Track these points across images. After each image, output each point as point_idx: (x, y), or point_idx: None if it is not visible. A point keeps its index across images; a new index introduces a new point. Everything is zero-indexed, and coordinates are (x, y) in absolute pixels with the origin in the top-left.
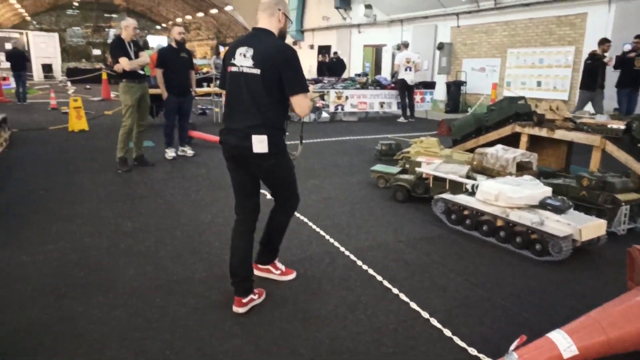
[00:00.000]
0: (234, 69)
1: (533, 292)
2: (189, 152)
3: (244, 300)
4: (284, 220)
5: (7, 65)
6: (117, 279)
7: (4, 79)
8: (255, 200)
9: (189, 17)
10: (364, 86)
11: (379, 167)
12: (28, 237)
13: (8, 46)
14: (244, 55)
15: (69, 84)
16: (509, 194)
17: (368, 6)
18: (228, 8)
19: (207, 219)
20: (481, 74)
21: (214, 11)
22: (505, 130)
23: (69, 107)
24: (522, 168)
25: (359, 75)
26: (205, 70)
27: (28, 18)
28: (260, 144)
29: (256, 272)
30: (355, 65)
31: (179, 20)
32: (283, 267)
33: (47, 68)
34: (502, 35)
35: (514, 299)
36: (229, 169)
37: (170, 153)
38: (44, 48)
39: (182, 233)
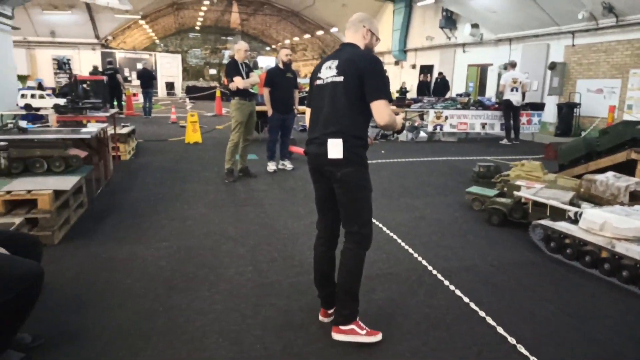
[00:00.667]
0: (319, 82)
1: (633, 328)
2: (289, 166)
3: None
4: (354, 260)
5: (137, 83)
6: (219, 276)
7: (134, 95)
8: (333, 216)
9: (296, 38)
10: (466, 106)
11: (474, 189)
12: (148, 234)
13: (139, 66)
14: (329, 67)
15: (187, 100)
16: (616, 224)
17: (475, 25)
18: (333, 30)
19: (300, 229)
20: (598, 96)
21: (319, 33)
22: (620, 157)
23: (186, 122)
24: (636, 198)
25: (460, 95)
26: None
27: (157, 41)
28: (334, 148)
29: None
30: (458, 85)
31: (287, 42)
32: (367, 328)
33: (169, 86)
34: (623, 55)
35: (611, 333)
36: (312, 181)
37: (271, 166)
38: (168, 68)
39: (278, 240)
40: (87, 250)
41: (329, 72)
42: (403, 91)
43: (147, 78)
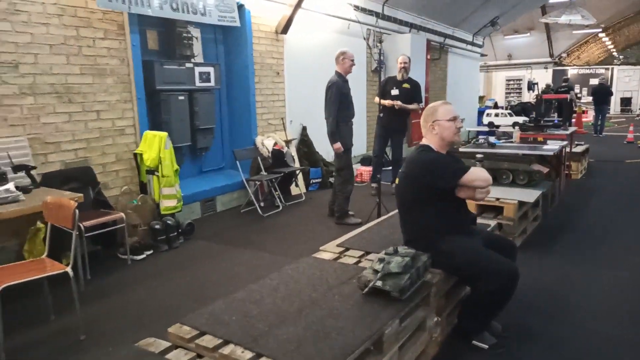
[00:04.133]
0: None
1: None
2: None
3: None
4: None
5: (589, 99)
6: None
7: (584, 112)
8: None
9: None
10: None
11: None
12: (599, 257)
13: (592, 82)
14: None
15: None
16: None
17: None
18: None
19: None
20: None
21: None
22: None
23: None
24: None
25: None
26: None
27: (615, 53)
28: None
29: None
30: None
31: None
32: None
33: (625, 102)
34: None
35: None
36: None
37: None
38: (626, 82)
39: None
40: (540, 261)
41: None
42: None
43: (603, 94)
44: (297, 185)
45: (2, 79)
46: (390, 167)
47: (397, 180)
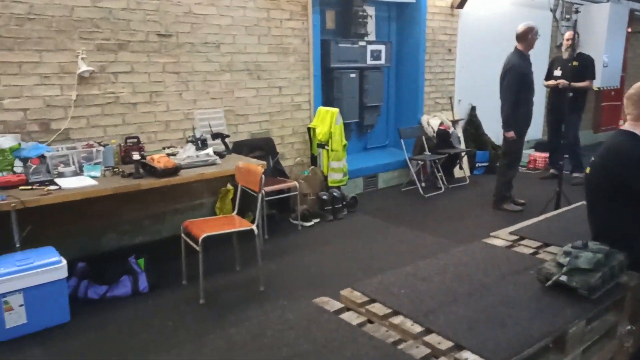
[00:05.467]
0: None
1: None
2: None
3: None
4: None
5: None
6: None
7: None
8: None
9: None
10: None
11: None
12: None
13: None
14: None
15: None
16: None
17: None
18: None
19: None
20: None
21: None
22: None
23: None
24: None
25: None
26: None
27: None
28: None
29: None
30: None
31: None
32: None
33: None
34: None
35: None
36: None
37: None
38: None
39: None
40: None
41: None
42: None
43: None
44: (461, 167)
45: (208, 58)
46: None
47: (587, 169)
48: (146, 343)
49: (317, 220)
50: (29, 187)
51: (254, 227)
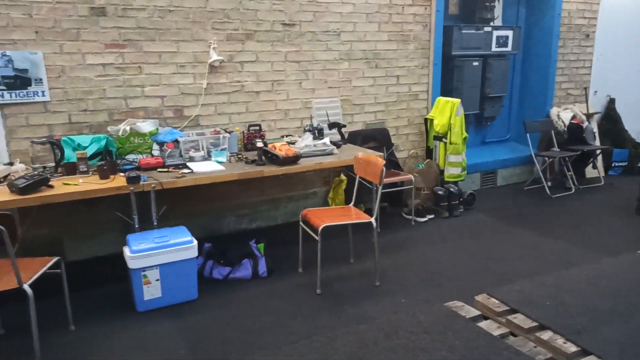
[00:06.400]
0: None
1: None
2: None
3: None
4: None
5: None
6: None
7: None
8: None
9: None
10: None
11: None
12: None
13: None
14: None
15: None
16: None
17: None
18: None
19: None
20: None
21: None
22: None
23: None
24: None
25: None
26: None
27: None
28: None
29: None
30: None
31: None
32: None
33: None
34: None
35: None
36: None
37: None
38: None
39: None
40: None
41: None
42: None
43: None
44: (594, 167)
45: (328, 46)
46: None
47: None
48: (266, 326)
49: (432, 216)
50: (165, 169)
51: (372, 220)
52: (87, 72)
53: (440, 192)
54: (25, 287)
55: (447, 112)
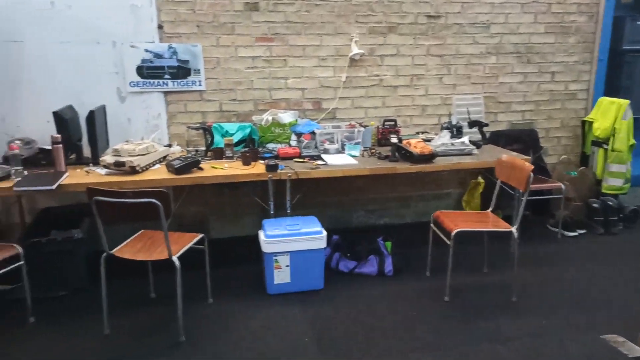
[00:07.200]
0: None
1: None
2: None
3: None
4: None
5: None
6: None
7: None
8: None
9: None
10: None
11: None
12: None
13: None
14: None
15: None
16: None
17: None
18: None
19: None
20: None
21: None
22: None
23: None
24: None
25: None
26: None
27: None
28: None
29: None
30: None
31: None
32: None
33: None
34: None
35: None
36: None
37: None
38: None
39: None
40: None
41: None
42: None
43: None
44: None
45: (474, 39)
46: None
47: None
48: (391, 327)
49: (583, 231)
50: (301, 160)
51: (513, 229)
52: (238, 64)
53: (595, 205)
54: (174, 259)
55: (611, 114)
